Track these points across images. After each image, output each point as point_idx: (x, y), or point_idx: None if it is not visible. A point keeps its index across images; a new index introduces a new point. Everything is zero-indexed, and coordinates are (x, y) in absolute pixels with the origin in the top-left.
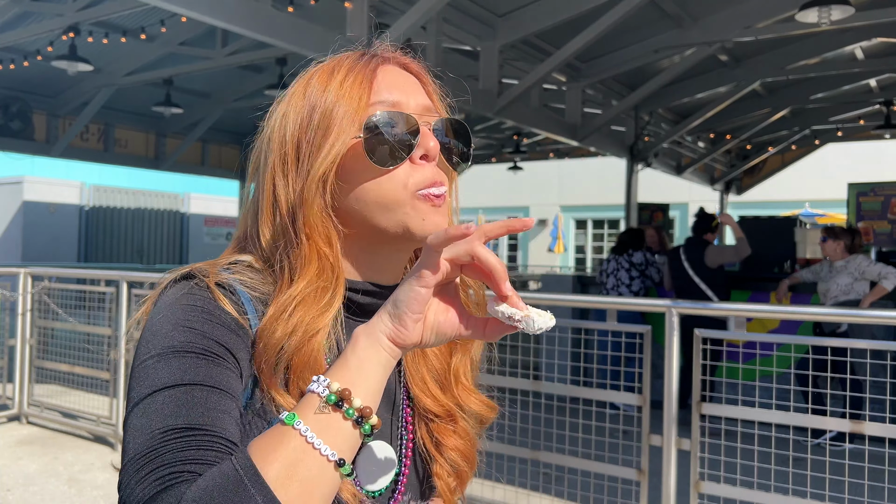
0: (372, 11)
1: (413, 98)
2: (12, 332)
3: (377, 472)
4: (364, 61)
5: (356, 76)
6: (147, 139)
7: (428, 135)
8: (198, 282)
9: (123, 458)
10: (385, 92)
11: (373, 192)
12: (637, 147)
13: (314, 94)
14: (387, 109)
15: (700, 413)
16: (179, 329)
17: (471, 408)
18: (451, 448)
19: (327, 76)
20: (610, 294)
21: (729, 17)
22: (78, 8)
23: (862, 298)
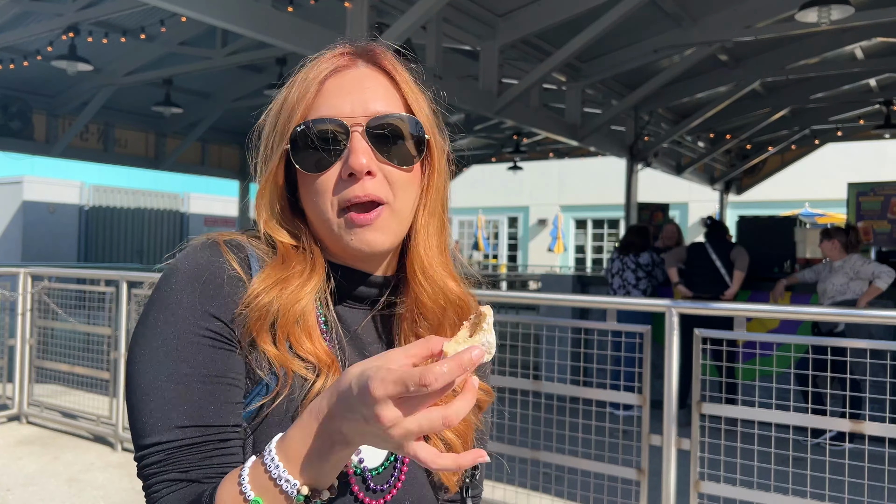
0: (372, 11)
1: (359, 104)
2: (12, 331)
3: (372, 450)
4: (324, 65)
5: (306, 84)
6: (147, 139)
7: (357, 149)
8: (209, 241)
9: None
10: (326, 99)
11: (310, 203)
12: (637, 147)
13: (281, 97)
14: (322, 117)
15: (700, 413)
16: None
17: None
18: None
19: (291, 84)
20: (617, 294)
21: (729, 16)
22: (78, 8)
23: (858, 298)
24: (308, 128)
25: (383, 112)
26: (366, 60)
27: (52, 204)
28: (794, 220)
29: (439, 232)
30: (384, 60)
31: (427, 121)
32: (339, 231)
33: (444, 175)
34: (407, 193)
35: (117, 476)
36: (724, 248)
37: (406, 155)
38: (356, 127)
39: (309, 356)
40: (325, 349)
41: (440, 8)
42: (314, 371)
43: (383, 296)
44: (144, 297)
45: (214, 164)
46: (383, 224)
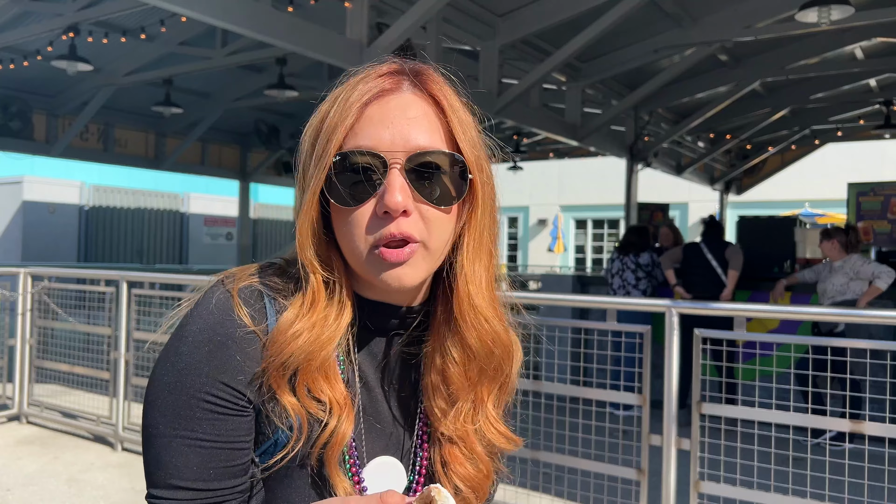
0: (372, 11)
1: (400, 136)
2: (12, 331)
3: (385, 486)
4: (368, 85)
5: (347, 106)
6: (147, 139)
7: (393, 186)
8: (222, 292)
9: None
10: (366, 131)
11: (342, 234)
12: (637, 147)
13: (321, 113)
14: (360, 147)
15: (700, 413)
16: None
17: (489, 438)
18: (458, 474)
19: (333, 101)
20: (617, 294)
21: (729, 16)
22: (78, 8)
23: (858, 298)
24: (345, 159)
25: (425, 147)
26: (412, 84)
27: (52, 204)
28: (794, 220)
29: (487, 268)
30: (432, 85)
31: (472, 154)
32: (369, 266)
33: (488, 209)
34: (442, 231)
35: (117, 476)
36: (720, 247)
37: (446, 194)
38: (395, 163)
39: (322, 397)
40: (342, 391)
41: (440, 8)
42: (327, 412)
43: (411, 326)
44: (146, 296)
45: (214, 164)
46: (415, 262)
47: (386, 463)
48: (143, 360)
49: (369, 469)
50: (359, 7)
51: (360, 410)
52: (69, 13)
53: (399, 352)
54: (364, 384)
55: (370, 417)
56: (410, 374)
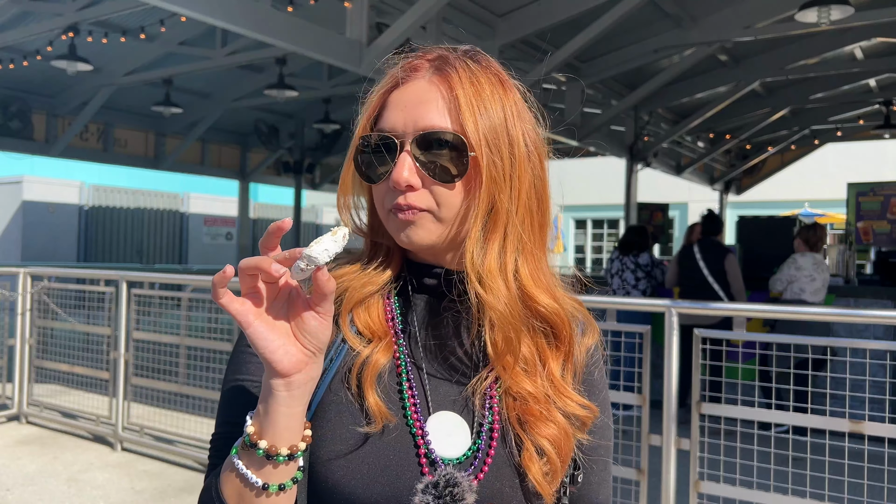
0: (372, 11)
1: (410, 121)
2: (12, 331)
3: (448, 440)
4: (390, 78)
5: (372, 97)
6: (147, 139)
7: (400, 165)
8: None
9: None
10: (387, 112)
11: (374, 205)
12: (637, 147)
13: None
14: (378, 132)
15: (699, 413)
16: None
17: (569, 410)
18: (540, 433)
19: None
20: (617, 294)
21: (729, 17)
22: (77, 8)
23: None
24: (366, 142)
25: (430, 126)
26: (433, 70)
27: (51, 204)
28: (794, 220)
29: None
30: (449, 69)
31: (477, 133)
32: (390, 226)
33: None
34: (452, 202)
35: (117, 476)
36: (716, 255)
37: (447, 171)
38: (403, 144)
39: (364, 330)
40: (382, 323)
41: (440, 8)
42: (367, 342)
43: (450, 287)
44: (145, 296)
45: (214, 163)
46: (423, 224)
47: (449, 418)
48: (142, 360)
49: (433, 421)
50: (358, 7)
51: (413, 361)
52: (69, 13)
53: (452, 312)
54: (418, 336)
55: (425, 370)
56: (466, 333)
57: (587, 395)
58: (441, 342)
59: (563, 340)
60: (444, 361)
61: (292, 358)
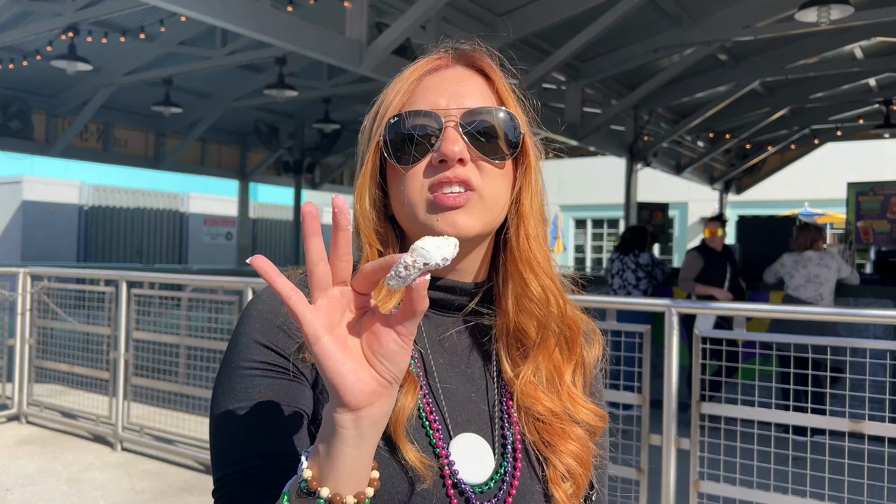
0: (371, 11)
1: (454, 100)
2: (12, 331)
3: (472, 464)
4: (421, 65)
5: (402, 82)
6: (146, 139)
7: (450, 138)
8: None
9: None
10: (423, 95)
11: (401, 193)
12: (636, 146)
13: (380, 100)
14: (416, 110)
15: (699, 412)
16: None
17: (579, 416)
18: (565, 451)
19: (390, 87)
20: (618, 294)
21: (728, 16)
22: (77, 7)
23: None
24: (402, 119)
25: (477, 107)
26: (463, 63)
27: (51, 204)
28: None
29: (540, 233)
30: (481, 62)
31: (522, 119)
32: (426, 216)
33: (540, 176)
34: (498, 185)
35: (117, 476)
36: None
37: (499, 150)
38: (450, 120)
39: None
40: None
41: (440, 8)
42: None
43: (472, 303)
44: (145, 296)
45: (214, 163)
46: (471, 209)
47: (471, 440)
48: (142, 359)
49: (455, 445)
50: (358, 7)
51: (428, 385)
52: (69, 13)
53: (467, 329)
54: (433, 361)
55: (441, 392)
56: (482, 351)
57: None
58: (452, 360)
59: (575, 348)
60: (457, 380)
61: (365, 387)
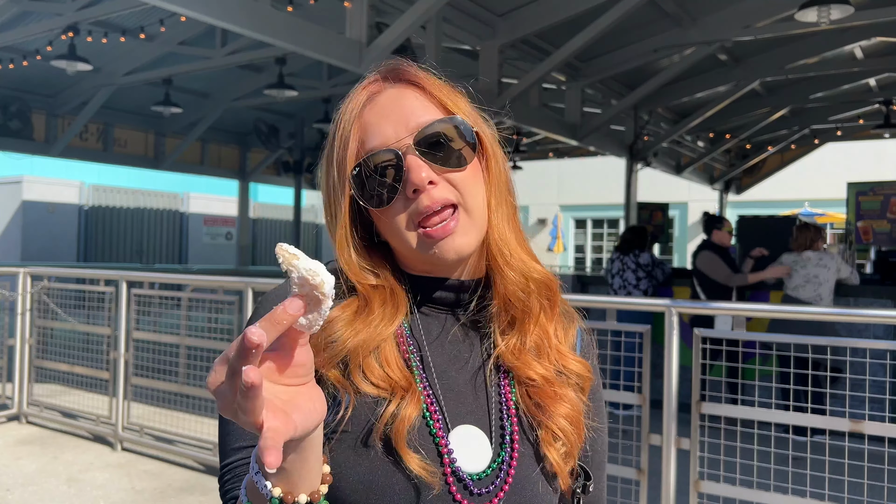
0: (371, 11)
1: (400, 123)
2: (11, 331)
3: (471, 453)
4: (358, 98)
5: (347, 121)
6: (146, 139)
7: (413, 167)
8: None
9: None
10: (369, 130)
11: (386, 231)
12: (636, 146)
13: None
14: (370, 149)
15: (699, 412)
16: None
17: (569, 367)
18: (556, 413)
19: (335, 126)
20: (618, 294)
21: (728, 16)
22: (77, 7)
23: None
24: (361, 168)
25: (424, 121)
26: (392, 80)
27: (51, 204)
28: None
29: (511, 217)
30: (408, 74)
31: (470, 115)
32: (421, 248)
33: (500, 159)
34: (474, 190)
35: (117, 476)
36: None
37: (459, 155)
38: (405, 148)
39: (380, 382)
40: (402, 372)
41: (440, 8)
42: (389, 394)
43: (472, 299)
44: (145, 296)
45: (214, 163)
46: (463, 228)
47: (469, 432)
48: (142, 359)
49: (453, 436)
50: (358, 7)
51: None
52: (68, 13)
53: (464, 325)
54: (432, 360)
55: (439, 386)
56: (477, 339)
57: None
58: (453, 354)
59: (555, 302)
60: (457, 374)
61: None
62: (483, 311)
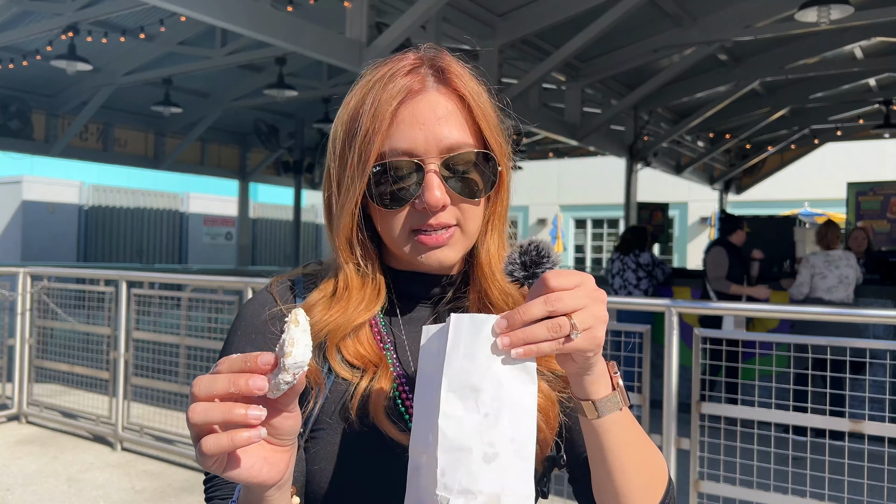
0: (371, 11)
1: (433, 138)
2: (11, 331)
3: None
4: (396, 86)
5: (378, 109)
6: (146, 139)
7: (431, 186)
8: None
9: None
10: (401, 134)
11: (383, 227)
12: (636, 146)
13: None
14: (395, 159)
15: (699, 412)
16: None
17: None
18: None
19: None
20: (618, 294)
21: (728, 16)
22: (77, 7)
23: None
24: (384, 169)
25: (456, 144)
26: (436, 80)
27: (51, 204)
28: (794, 220)
29: (502, 235)
30: (455, 81)
31: (498, 146)
32: (411, 253)
33: (509, 192)
34: (476, 215)
35: (117, 476)
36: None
37: (477, 188)
38: (430, 165)
39: (355, 360)
40: (375, 350)
41: (440, 8)
42: (361, 372)
43: (447, 292)
44: (145, 296)
45: (214, 163)
46: (453, 243)
47: None
48: (142, 359)
49: None
50: (358, 7)
51: (405, 374)
52: (68, 13)
53: (441, 313)
54: (409, 349)
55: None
56: None
57: None
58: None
59: None
60: None
61: (280, 466)
62: (459, 303)
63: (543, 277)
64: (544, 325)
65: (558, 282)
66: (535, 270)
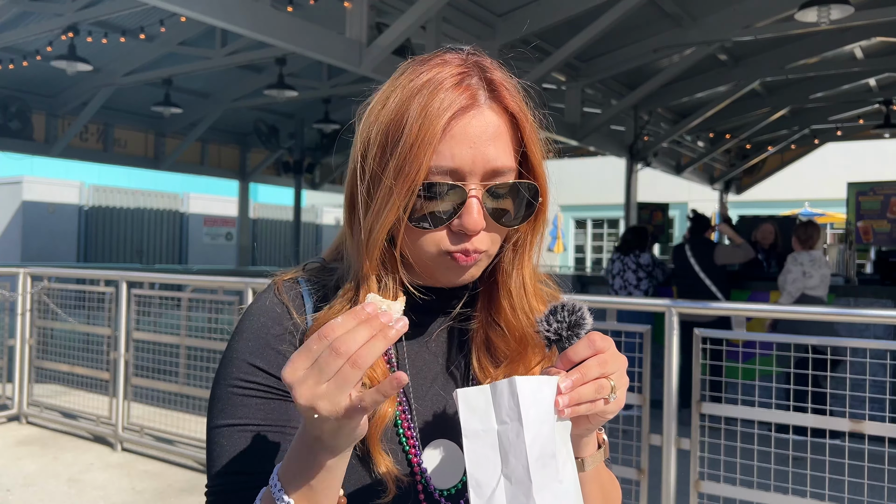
0: (372, 11)
1: (480, 161)
2: (12, 332)
3: (445, 472)
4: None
5: (427, 121)
6: (146, 139)
7: (472, 212)
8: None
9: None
10: (449, 151)
11: (412, 244)
12: (636, 146)
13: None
14: (441, 179)
15: (700, 412)
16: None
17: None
18: None
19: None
20: (619, 295)
21: (728, 16)
22: (77, 8)
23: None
24: (430, 187)
25: (502, 168)
26: (488, 97)
27: (51, 204)
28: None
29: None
30: (509, 100)
31: (543, 174)
32: (437, 267)
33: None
34: (502, 237)
35: (117, 476)
36: (706, 250)
37: (515, 217)
38: (473, 188)
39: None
40: (383, 369)
41: (440, 8)
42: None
43: (458, 306)
44: (145, 296)
45: (214, 164)
46: (480, 262)
47: (443, 445)
48: (142, 360)
49: (427, 453)
50: (358, 7)
51: (409, 395)
52: (69, 13)
53: (448, 332)
54: (410, 365)
55: (413, 399)
56: (461, 353)
57: None
58: (432, 361)
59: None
60: (435, 382)
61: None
62: (470, 322)
63: (591, 338)
64: (592, 387)
65: (604, 343)
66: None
